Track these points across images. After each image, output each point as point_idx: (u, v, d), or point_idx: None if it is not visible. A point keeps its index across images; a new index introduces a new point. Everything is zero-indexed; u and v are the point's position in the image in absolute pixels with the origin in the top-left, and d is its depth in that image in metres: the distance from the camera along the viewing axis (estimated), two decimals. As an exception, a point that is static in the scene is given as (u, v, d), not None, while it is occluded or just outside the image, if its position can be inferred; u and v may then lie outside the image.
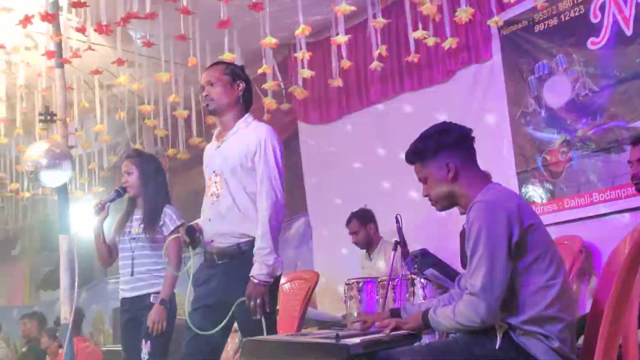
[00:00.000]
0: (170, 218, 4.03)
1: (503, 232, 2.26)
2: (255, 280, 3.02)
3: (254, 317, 3.00)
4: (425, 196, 2.56)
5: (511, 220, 2.28)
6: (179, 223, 4.02)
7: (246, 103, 3.33)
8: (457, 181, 2.46)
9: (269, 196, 3.11)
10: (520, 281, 2.27)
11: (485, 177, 2.54)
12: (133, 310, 4.02)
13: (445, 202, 2.53)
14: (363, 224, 5.36)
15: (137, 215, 4.10)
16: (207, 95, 3.26)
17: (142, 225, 4.02)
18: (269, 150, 3.16)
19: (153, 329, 3.85)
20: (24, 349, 8.01)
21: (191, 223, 3.28)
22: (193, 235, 3.19)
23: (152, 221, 4.02)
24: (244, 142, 3.19)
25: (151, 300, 3.95)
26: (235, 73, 3.29)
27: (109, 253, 4.20)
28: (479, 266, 2.25)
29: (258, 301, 2.99)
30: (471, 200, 2.42)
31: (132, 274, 4.02)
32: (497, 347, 2.25)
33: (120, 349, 4.36)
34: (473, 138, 2.53)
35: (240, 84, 3.28)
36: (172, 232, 3.98)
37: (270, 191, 3.12)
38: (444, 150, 2.47)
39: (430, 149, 2.48)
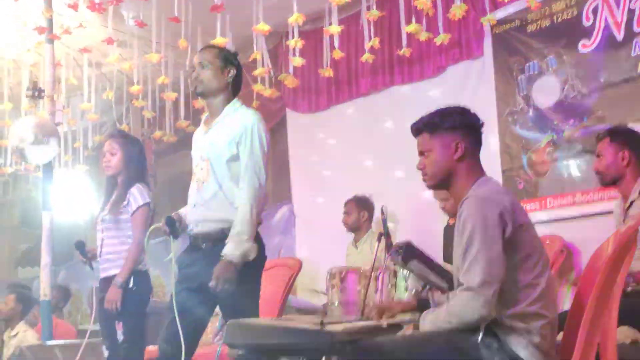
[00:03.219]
0: (134, 197, 3.98)
1: (497, 227, 2.27)
2: (228, 259, 3.02)
3: (218, 293, 3.00)
4: (421, 169, 2.55)
5: (504, 215, 2.29)
6: (141, 202, 3.97)
7: (235, 89, 3.32)
8: (460, 164, 2.47)
9: (251, 184, 3.11)
10: (507, 278, 2.28)
11: (482, 170, 2.54)
12: (105, 291, 4.01)
13: (439, 180, 2.53)
14: (358, 208, 5.45)
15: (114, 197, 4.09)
16: (196, 77, 3.25)
17: (108, 207, 4.02)
18: (254, 138, 3.16)
19: (109, 308, 3.83)
20: None
21: (173, 213, 3.28)
22: (173, 226, 3.20)
23: (117, 202, 4.00)
24: (231, 128, 3.19)
25: None
26: (227, 58, 3.28)
27: None
28: (476, 261, 2.24)
29: (225, 282, 2.98)
30: (464, 187, 2.45)
31: (100, 255, 4.03)
32: (479, 340, 2.26)
33: (98, 328, 4.36)
34: (482, 132, 2.55)
35: (231, 70, 3.27)
36: (135, 212, 3.96)
37: (253, 179, 3.12)
38: (458, 129, 2.48)
39: (446, 124, 2.49)
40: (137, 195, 3.98)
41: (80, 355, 4.28)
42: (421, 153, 2.54)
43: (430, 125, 2.51)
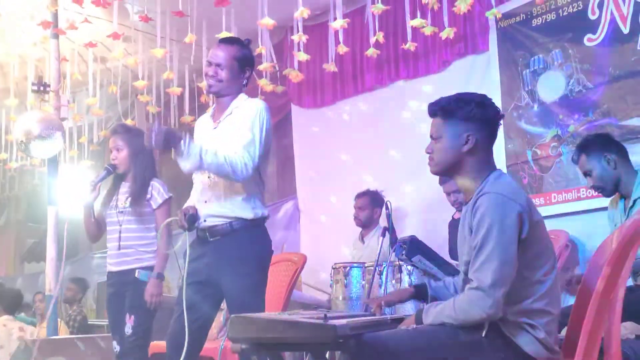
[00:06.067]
0: (158, 191, 4.03)
1: (514, 228, 2.23)
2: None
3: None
4: (428, 153, 2.48)
5: (522, 216, 2.25)
6: (167, 197, 4.03)
7: (246, 85, 3.32)
8: (468, 156, 2.40)
9: (246, 150, 3.04)
10: (516, 275, 2.26)
11: (493, 164, 2.48)
12: (118, 285, 4.02)
13: (444, 168, 2.46)
14: (372, 205, 5.37)
15: (124, 188, 4.10)
16: (213, 75, 3.17)
17: (129, 199, 4.02)
18: (263, 118, 3.14)
19: (151, 302, 3.86)
20: None
21: (189, 206, 3.22)
22: (193, 223, 3.16)
23: (139, 195, 4.01)
24: (240, 117, 3.18)
25: (136, 275, 3.95)
26: (246, 59, 3.23)
27: (98, 229, 4.19)
28: (490, 260, 2.21)
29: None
30: (472, 180, 2.41)
31: (118, 248, 4.02)
32: (483, 334, 2.26)
33: (102, 323, 4.36)
34: (499, 125, 2.48)
35: (247, 72, 3.24)
36: (160, 206, 3.99)
37: (250, 148, 3.06)
38: (473, 121, 2.39)
39: (461, 113, 2.39)
40: (161, 189, 4.03)
41: (85, 349, 4.30)
42: (432, 137, 2.48)
43: (445, 111, 2.42)
